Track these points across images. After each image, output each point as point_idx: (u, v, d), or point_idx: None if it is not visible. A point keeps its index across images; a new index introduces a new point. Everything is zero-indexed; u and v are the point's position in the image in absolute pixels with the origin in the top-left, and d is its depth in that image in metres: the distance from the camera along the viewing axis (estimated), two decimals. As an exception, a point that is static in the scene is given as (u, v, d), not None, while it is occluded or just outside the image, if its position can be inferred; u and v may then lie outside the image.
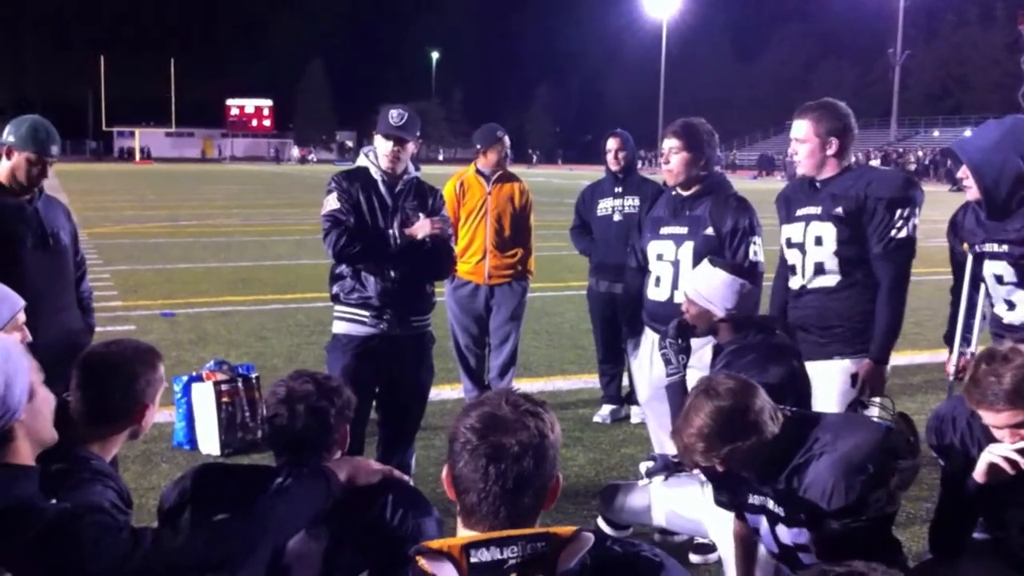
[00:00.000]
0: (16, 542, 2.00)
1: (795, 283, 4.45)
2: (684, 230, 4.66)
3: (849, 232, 4.23)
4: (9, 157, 4.36)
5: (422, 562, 1.67)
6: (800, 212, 4.38)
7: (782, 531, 3.10)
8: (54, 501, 2.15)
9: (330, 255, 4.59)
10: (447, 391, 7.26)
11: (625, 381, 6.89)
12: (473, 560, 1.65)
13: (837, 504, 2.87)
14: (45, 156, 4.37)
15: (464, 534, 1.79)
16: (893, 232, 4.16)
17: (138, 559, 2.07)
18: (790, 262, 4.45)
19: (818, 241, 4.31)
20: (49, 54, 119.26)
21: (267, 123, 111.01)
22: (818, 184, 4.33)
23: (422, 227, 4.56)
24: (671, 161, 4.66)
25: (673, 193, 4.78)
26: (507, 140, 6.86)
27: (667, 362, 4.19)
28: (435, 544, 1.68)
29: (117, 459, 2.74)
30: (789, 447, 2.98)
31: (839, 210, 4.24)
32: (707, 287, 3.91)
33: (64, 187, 30.08)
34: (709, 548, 4.33)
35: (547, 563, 1.65)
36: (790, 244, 4.43)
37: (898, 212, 4.16)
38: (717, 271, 3.94)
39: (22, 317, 3.23)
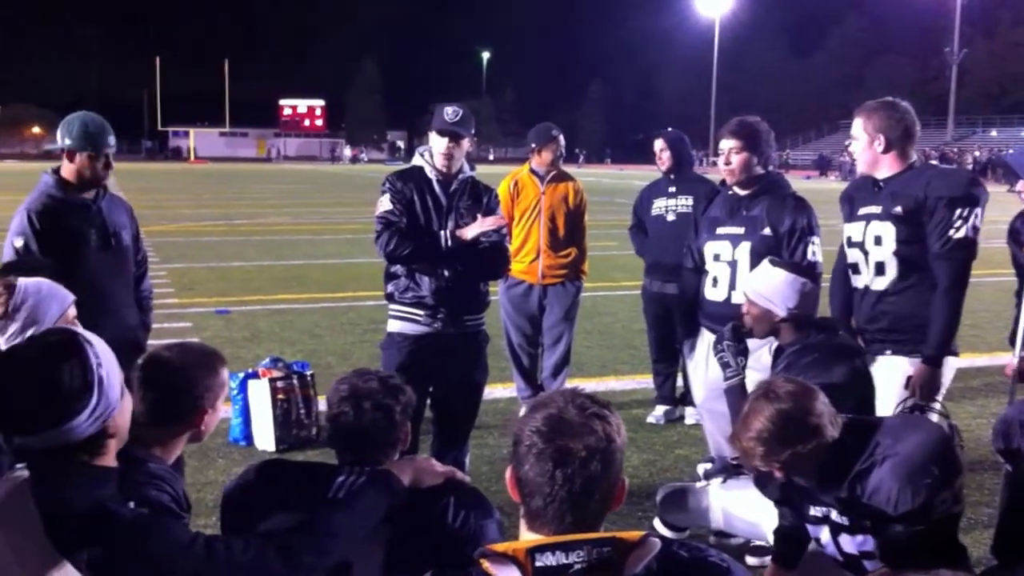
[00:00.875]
0: (93, 545, 2.02)
1: (858, 283, 4.38)
2: (741, 230, 4.62)
3: (908, 231, 4.15)
4: (71, 159, 4.45)
5: (486, 565, 1.66)
6: (862, 211, 4.32)
7: (845, 540, 3.05)
8: (132, 504, 2.16)
9: (382, 256, 4.61)
10: (500, 390, 7.26)
11: (679, 382, 6.85)
12: (538, 564, 1.63)
13: (904, 508, 2.82)
14: (104, 149, 4.44)
15: (528, 537, 1.77)
16: (951, 232, 4.05)
17: (212, 570, 2.08)
18: (851, 261, 4.39)
19: (878, 240, 4.24)
20: (106, 54, 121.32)
21: (319, 123, 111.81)
22: (881, 183, 4.26)
23: (472, 228, 4.54)
24: (732, 161, 4.62)
25: (730, 193, 4.74)
26: (562, 139, 6.85)
27: (725, 365, 4.12)
28: (499, 547, 1.66)
29: (183, 459, 2.75)
30: (851, 452, 2.94)
31: (898, 209, 4.17)
32: (768, 287, 3.86)
33: (120, 186, 30.53)
34: (767, 550, 4.28)
35: (613, 568, 1.64)
36: (851, 243, 4.37)
37: (958, 211, 4.05)
38: (778, 270, 3.89)
39: (72, 312, 3.27)
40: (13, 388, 2.06)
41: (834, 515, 3.05)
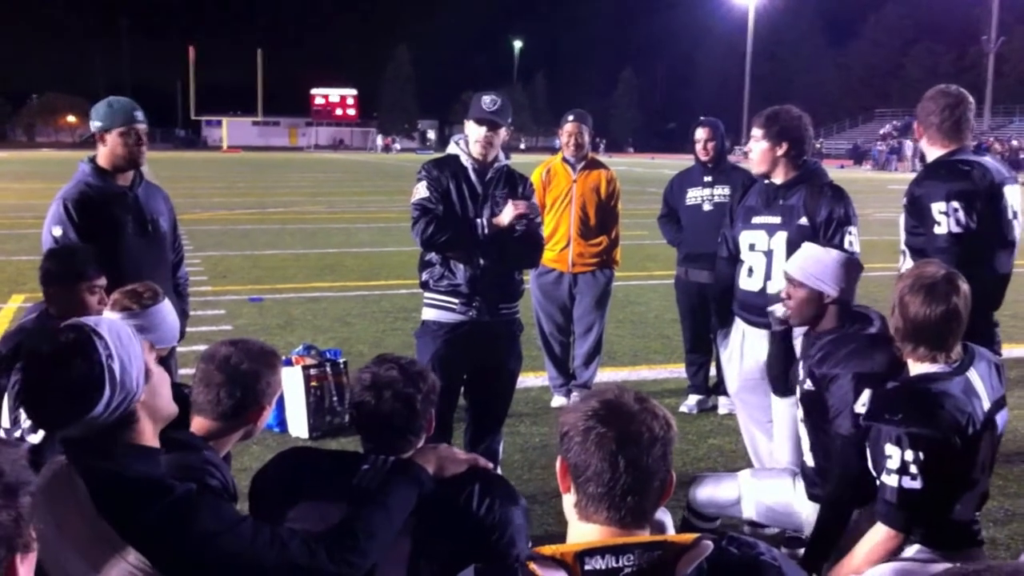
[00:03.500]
0: (141, 518, 2.04)
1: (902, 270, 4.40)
2: (777, 219, 4.58)
3: (913, 222, 4.22)
4: (103, 142, 4.47)
5: (533, 567, 1.64)
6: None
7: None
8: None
9: (418, 243, 4.61)
10: (532, 379, 7.26)
11: (713, 371, 6.82)
12: (587, 568, 1.62)
13: None
14: (134, 124, 4.46)
15: (581, 528, 1.76)
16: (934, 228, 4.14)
17: (256, 553, 2.09)
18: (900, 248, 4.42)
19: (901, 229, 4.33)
20: (140, 44, 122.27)
21: (351, 112, 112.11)
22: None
23: (507, 213, 4.54)
24: (752, 150, 4.60)
25: (766, 182, 4.70)
26: (583, 126, 6.75)
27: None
28: (547, 550, 1.65)
29: (230, 454, 2.77)
30: None
31: (905, 200, 4.27)
32: (819, 267, 3.77)
33: (154, 174, 30.73)
34: (801, 542, 4.25)
35: (665, 571, 1.62)
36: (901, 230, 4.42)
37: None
38: (828, 250, 3.84)
39: (162, 352, 3.33)
40: (30, 387, 2.11)
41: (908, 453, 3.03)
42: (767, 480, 4.14)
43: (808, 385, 3.74)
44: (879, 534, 3.10)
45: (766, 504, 4.10)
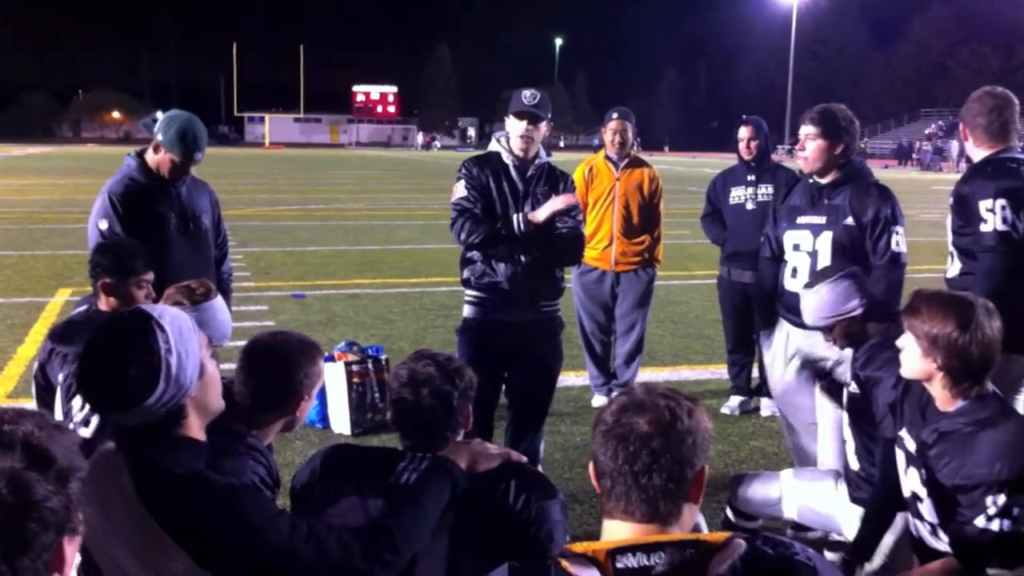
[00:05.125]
0: (180, 509, 2.06)
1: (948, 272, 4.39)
2: (823, 219, 4.53)
3: (959, 222, 4.19)
4: (156, 151, 4.52)
5: (565, 564, 1.64)
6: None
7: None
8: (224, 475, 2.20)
9: (458, 243, 4.61)
10: (572, 378, 7.24)
11: (755, 372, 6.77)
12: (619, 566, 1.61)
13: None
14: (189, 162, 4.52)
15: (611, 526, 1.75)
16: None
17: (294, 548, 2.10)
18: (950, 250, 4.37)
19: (948, 230, 4.30)
20: (184, 41, 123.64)
21: (392, 109, 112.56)
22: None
23: (543, 209, 4.50)
24: (808, 148, 4.53)
25: (811, 181, 4.65)
26: (627, 122, 6.71)
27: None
28: (579, 547, 1.64)
29: (272, 446, 2.80)
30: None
31: (951, 200, 4.24)
32: (832, 304, 3.79)
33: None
34: (843, 545, 4.21)
35: (697, 570, 1.61)
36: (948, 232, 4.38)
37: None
38: (821, 287, 3.83)
39: (216, 350, 3.36)
40: (88, 373, 2.13)
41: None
42: (809, 481, 4.11)
43: (853, 388, 3.71)
44: (952, 563, 3.01)
45: (808, 506, 4.07)
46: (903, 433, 3.23)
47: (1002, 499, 2.84)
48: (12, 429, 1.41)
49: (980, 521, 2.88)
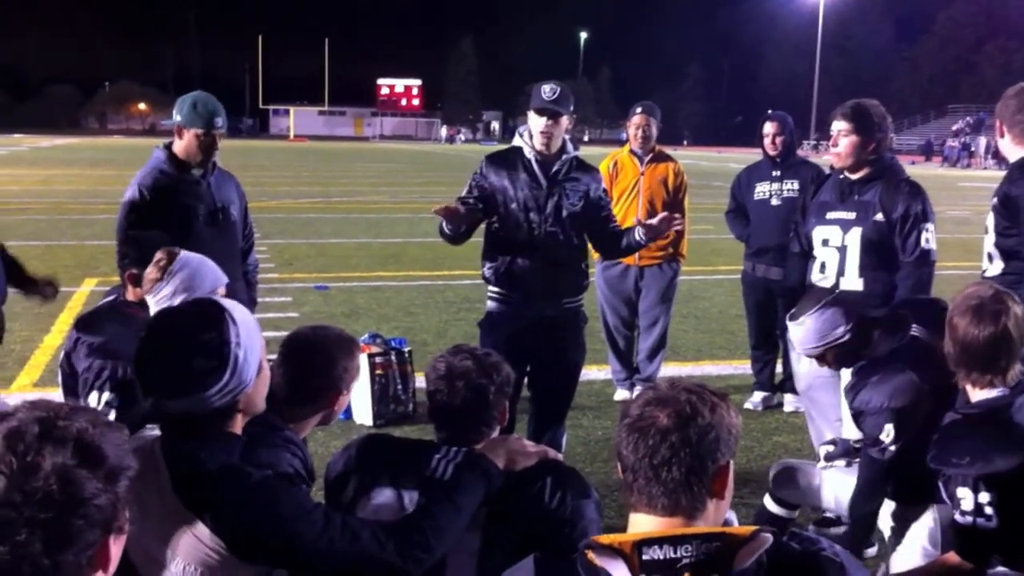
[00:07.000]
0: (217, 502, 2.07)
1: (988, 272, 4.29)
2: (852, 215, 4.50)
3: (1005, 223, 4.07)
4: (180, 136, 4.55)
5: (591, 556, 1.64)
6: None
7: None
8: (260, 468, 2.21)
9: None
10: (595, 372, 7.23)
11: (779, 368, 6.74)
12: (645, 558, 1.60)
13: None
14: (212, 130, 4.53)
15: (637, 519, 1.74)
16: None
17: (328, 541, 2.10)
18: (985, 251, 4.28)
19: (987, 229, 4.17)
20: (209, 33, 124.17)
21: (416, 102, 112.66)
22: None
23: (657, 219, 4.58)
24: (840, 144, 4.50)
25: (841, 177, 4.61)
26: (651, 117, 6.70)
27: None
28: (606, 539, 1.63)
29: (306, 440, 2.81)
30: None
31: (995, 200, 4.11)
32: (817, 335, 3.70)
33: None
34: (870, 542, 4.19)
35: (723, 563, 1.59)
36: (987, 231, 4.27)
37: None
38: (806, 319, 3.71)
39: (222, 292, 3.36)
40: (154, 353, 2.13)
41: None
42: (847, 476, 4.08)
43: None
44: (955, 559, 3.00)
45: (844, 501, 4.04)
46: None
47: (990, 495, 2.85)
48: (66, 425, 1.41)
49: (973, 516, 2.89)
